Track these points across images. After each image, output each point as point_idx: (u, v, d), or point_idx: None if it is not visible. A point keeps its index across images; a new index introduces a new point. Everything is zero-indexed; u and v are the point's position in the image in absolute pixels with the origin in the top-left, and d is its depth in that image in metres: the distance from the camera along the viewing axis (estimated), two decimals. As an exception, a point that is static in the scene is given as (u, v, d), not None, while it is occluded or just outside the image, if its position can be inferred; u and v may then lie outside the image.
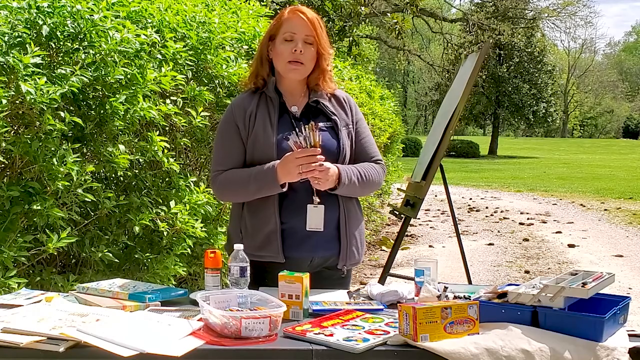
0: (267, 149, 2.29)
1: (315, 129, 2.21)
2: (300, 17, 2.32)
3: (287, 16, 2.34)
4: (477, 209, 12.20)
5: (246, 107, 2.37)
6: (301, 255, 2.31)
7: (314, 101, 2.39)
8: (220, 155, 2.38)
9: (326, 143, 2.30)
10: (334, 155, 2.33)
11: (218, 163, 2.38)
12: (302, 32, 2.31)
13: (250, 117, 2.34)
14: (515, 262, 7.34)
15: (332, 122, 2.38)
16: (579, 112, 64.72)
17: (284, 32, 2.33)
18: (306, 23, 2.31)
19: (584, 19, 62.30)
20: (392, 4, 14.13)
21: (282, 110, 2.37)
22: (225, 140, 2.38)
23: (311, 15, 2.34)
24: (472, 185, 17.61)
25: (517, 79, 35.58)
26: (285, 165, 2.21)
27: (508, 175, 21.24)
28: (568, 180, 18.77)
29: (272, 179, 2.23)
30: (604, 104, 63.85)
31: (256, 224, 2.33)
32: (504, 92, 35.94)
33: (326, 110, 2.39)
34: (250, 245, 2.30)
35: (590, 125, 66.62)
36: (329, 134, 2.35)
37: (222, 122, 2.42)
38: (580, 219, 10.90)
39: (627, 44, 76.08)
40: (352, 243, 2.38)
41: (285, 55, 2.32)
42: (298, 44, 2.30)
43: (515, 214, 11.44)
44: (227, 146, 2.37)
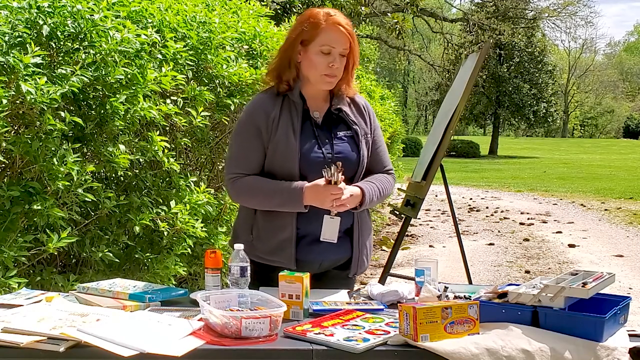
0: (290, 157, 2.25)
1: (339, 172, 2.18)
2: (340, 30, 2.23)
3: (324, 26, 2.23)
4: (477, 209, 12.19)
5: (269, 110, 2.29)
6: (311, 259, 2.31)
7: (336, 109, 2.35)
8: (239, 158, 2.31)
9: (347, 154, 2.30)
10: (354, 166, 2.32)
11: (236, 165, 2.30)
12: (340, 45, 2.24)
13: (274, 121, 2.27)
14: (515, 262, 7.34)
15: (352, 131, 2.35)
16: (579, 112, 64.72)
17: (321, 43, 2.23)
18: (345, 36, 2.24)
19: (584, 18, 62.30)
20: (393, 4, 14.13)
21: (304, 116, 2.31)
22: (245, 141, 2.30)
23: (348, 25, 2.26)
24: (472, 185, 17.61)
25: (517, 79, 35.57)
26: (317, 195, 2.19)
27: (508, 175, 21.24)
28: (568, 180, 18.77)
29: (298, 200, 2.21)
30: (604, 104, 63.84)
31: (270, 229, 2.30)
32: (504, 92, 35.92)
33: (347, 120, 2.35)
34: (262, 248, 2.29)
35: (590, 125, 66.61)
36: (349, 144, 2.33)
37: (242, 122, 2.33)
38: (580, 219, 10.90)
39: (627, 44, 76.06)
40: (363, 252, 2.41)
41: (321, 68, 2.24)
42: (336, 59, 2.24)
43: (515, 214, 11.44)
44: (247, 148, 2.30)
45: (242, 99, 3.43)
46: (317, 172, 2.23)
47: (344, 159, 2.26)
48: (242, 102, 3.44)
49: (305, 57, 2.27)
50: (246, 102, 3.47)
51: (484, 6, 28.76)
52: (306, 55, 2.27)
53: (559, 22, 40.94)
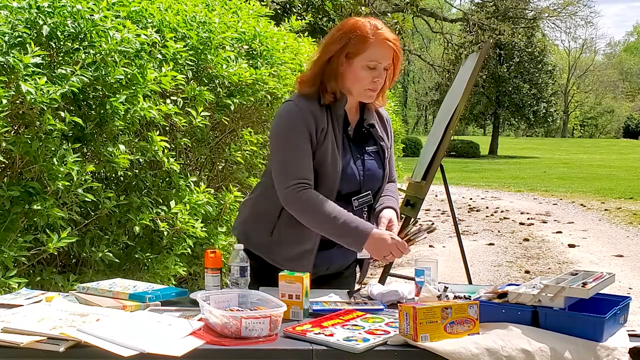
0: (334, 173, 2.19)
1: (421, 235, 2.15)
2: (389, 45, 2.16)
3: (372, 41, 2.14)
4: (477, 209, 12.19)
5: (318, 120, 2.18)
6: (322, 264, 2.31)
7: (369, 124, 2.30)
8: (300, 164, 2.16)
9: (374, 170, 2.29)
10: (378, 182, 2.32)
11: (298, 172, 2.15)
12: (387, 61, 2.18)
13: (322, 132, 2.18)
14: (515, 262, 7.34)
15: (379, 147, 2.32)
16: (579, 112, 64.71)
17: (369, 58, 2.15)
18: (392, 52, 2.17)
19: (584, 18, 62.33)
20: (393, 3, 14.14)
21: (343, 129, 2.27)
22: (301, 146, 2.15)
23: (396, 40, 2.19)
24: (472, 185, 17.60)
25: (517, 79, 35.56)
26: (379, 247, 2.11)
27: (508, 175, 21.24)
28: (568, 180, 18.76)
29: (358, 243, 2.12)
30: (604, 103, 63.83)
31: (294, 236, 2.25)
32: (504, 92, 35.92)
33: (375, 135, 2.32)
34: (282, 254, 2.25)
35: (590, 125, 66.61)
36: (376, 160, 2.31)
37: (292, 125, 2.17)
38: (580, 219, 10.90)
39: (627, 44, 76.07)
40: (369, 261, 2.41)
41: (366, 82, 2.17)
42: (380, 74, 2.18)
43: (515, 214, 11.44)
44: (304, 154, 2.16)
45: (242, 99, 3.43)
46: (353, 189, 2.23)
47: (372, 176, 2.27)
48: (242, 102, 3.44)
49: (349, 70, 2.18)
50: (246, 102, 3.47)
51: (484, 6, 28.77)
52: (350, 69, 2.18)
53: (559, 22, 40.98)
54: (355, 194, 2.25)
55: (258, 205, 2.34)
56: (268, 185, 2.28)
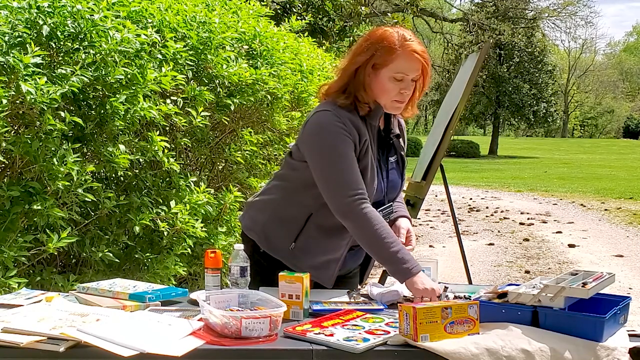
0: (371, 188, 2.17)
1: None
2: (416, 57, 2.11)
3: (400, 52, 2.10)
4: (477, 209, 12.19)
5: (361, 131, 2.14)
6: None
7: (395, 135, 2.30)
8: (356, 176, 2.11)
9: (395, 181, 2.30)
10: (397, 191, 2.33)
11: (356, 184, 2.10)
12: (414, 72, 2.13)
13: (364, 144, 2.15)
14: (515, 262, 7.34)
15: (399, 156, 2.32)
16: (579, 112, 64.72)
17: (396, 70, 2.11)
18: (420, 63, 2.12)
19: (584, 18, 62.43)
20: (393, 3, 14.14)
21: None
22: (350, 155, 2.11)
23: (423, 51, 2.14)
24: (472, 185, 17.61)
25: (517, 79, 35.56)
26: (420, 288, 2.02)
27: (508, 175, 21.24)
28: (568, 180, 18.76)
29: (404, 276, 2.05)
30: (604, 104, 63.83)
31: (318, 247, 2.23)
32: (504, 92, 35.92)
33: (396, 145, 2.31)
34: (305, 262, 2.22)
35: (590, 125, 66.61)
36: (397, 170, 2.31)
37: (338, 135, 2.11)
38: (580, 219, 10.90)
39: (627, 44, 76.07)
40: (372, 263, 2.43)
41: (393, 94, 2.14)
42: (407, 85, 2.14)
43: (515, 214, 11.44)
44: (353, 163, 2.11)
45: (242, 99, 3.43)
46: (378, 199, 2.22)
47: (393, 186, 2.28)
48: (242, 102, 3.44)
49: (376, 81, 2.14)
50: (246, 102, 3.47)
51: (484, 6, 28.78)
52: (377, 79, 2.14)
53: (559, 22, 40.99)
54: (379, 204, 2.23)
55: (282, 210, 2.27)
56: (291, 190, 2.24)
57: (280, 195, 2.29)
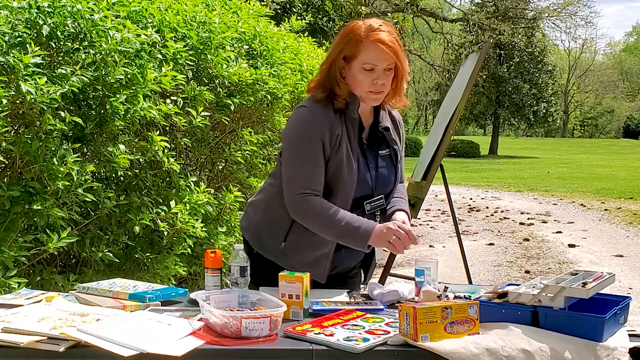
0: (350, 179, 2.18)
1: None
2: (382, 48, 2.10)
3: (364, 43, 2.11)
4: (477, 209, 12.19)
5: (333, 126, 2.16)
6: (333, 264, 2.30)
7: (384, 127, 2.28)
8: (310, 174, 2.15)
9: (387, 175, 2.29)
10: (390, 186, 2.31)
11: (307, 182, 2.15)
12: (383, 62, 2.12)
13: (337, 138, 2.15)
14: (515, 262, 7.34)
15: (391, 150, 2.30)
16: (579, 112, 64.70)
17: (363, 61, 2.12)
18: (388, 54, 2.11)
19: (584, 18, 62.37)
20: (393, 3, 14.14)
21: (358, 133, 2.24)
22: (313, 156, 2.15)
23: (391, 41, 2.11)
24: (472, 185, 17.60)
25: (517, 79, 35.54)
26: (384, 234, 2.09)
27: (508, 175, 21.23)
28: (568, 180, 18.76)
29: (362, 240, 2.12)
30: (604, 104, 63.81)
31: (309, 241, 2.24)
32: (504, 92, 35.89)
33: (389, 138, 2.29)
34: (296, 259, 2.24)
35: (590, 125, 66.59)
36: (389, 163, 2.30)
37: (306, 133, 2.16)
38: (580, 219, 10.90)
39: (627, 44, 76.06)
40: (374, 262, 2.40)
41: (366, 85, 2.14)
42: (379, 76, 2.13)
43: (515, 214, 11.44)
44: (316, 164, 2.15)
45: (242, 99, 3.43)
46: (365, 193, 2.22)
47: (384, 180, 2.27)
48: (242, 102, 3.44)
49: (349, 74, 2.16)
50: (246, 102, 3.47)
51: (484, 6, 28.77)
52: (350, 72, 2.15)
53: (559, 22, 40.95)
54: (367, 197, 2.24)
55: (271, 211, 2.30)
56: (279, 187, 2.25)
57: (272, 193, 2.32)
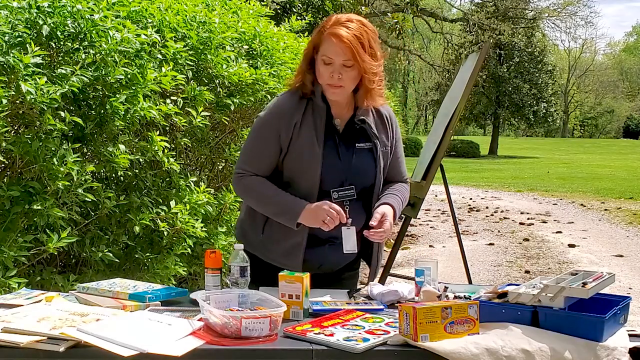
0: (313, 164, 2.21)
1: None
2: (336, 42, 2.12)
3: (324, 36, 2.16)
4: (477, 209, 12.19)
5: (293, 114, 2.23)
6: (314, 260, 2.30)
7: (360, 120, 2.29)
8: (251, 156, 2.29)
9: (365, 167, 2.29)
10: (370, 179, 2.31)
11: (246, 162, 2.29)
12: (339, 57, 2.14)
13: (296, 126, 2.22)
14: (515, 262, 7.34)
15: (372, 144, 2.31)
16: (579, 112, 64.67)
17: (322, 53, 2.17)
18: (342, 49, 2.12)
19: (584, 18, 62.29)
20: (393, 3, 14.13)
21: (327, 122, 2.26)
22: (261, 141, 2.26)
23: (349, 36, 2.12)
24: (472, 185, 17.60)
25: (517, 79, 35.52)
26: (316, 213, 2.16)
27: (508, 175, 21.23)
28: (568, 180, 18.76)
29: (293, 217, 2.19)
30: (604, 104, 63.78)
31: (282, 233, 2.27)
32: (504, 92, 35.88)
33: (369, 132, 2.30)
34: (274, 251, 2.28)
35: (590, 125, 66.55)
36: (367, 156, 2.30)
37: (263, 121, 2.28)
38: (580, 219, 10.90)
39: (627, 44, 76.04)
40: (379, 261, 2.42)
41: (325, 77, 2.18)
42: (336, 69, 2.15)
43: (515, 214, 11.44)
44: (260, 148, 2.26)
45: (242, 99, 3.43)
46: (335, 182, 2.23)
47: (359, 171, 2.27)
48: (242, 102, 3.44)
49: (316, 64, 2.21)
50: (246, 102, 3.47)
51: (484, 6, 28.75)
52: (316, 62, 2.21)
53: (559, 22, 40.89)
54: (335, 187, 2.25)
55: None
56: None
57: None
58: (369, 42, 2.17)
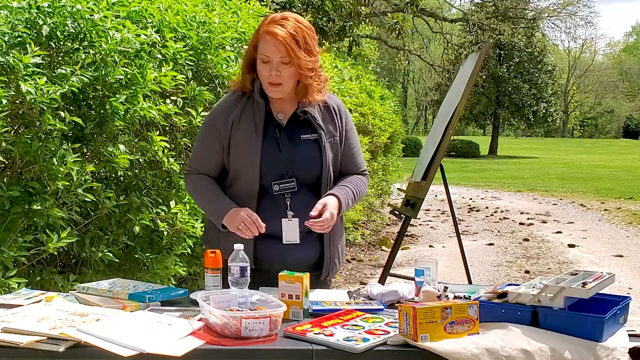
0: (252, 158, 2.26)
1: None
2: (269, 40, 2.17)
3: (260, 35, 2.21)
4: (477, 209, 12.20)
5: (229, 112, 2.31)
6: (272, 257, 2.28)
7: (302, 111, 2.31)
8: (197, 155, 2.41)
9: (308, 157, 2.29)
10: (317, 170, 2.31)
11: (193, 161, 2.42)
12: (275, 55, 2.18)
13: (233, 123, 2.29)
14: (515, 262, 7.34)
15: (317, 135, 2.31)
16: (579, 112, 64.70)
17: (260, 52, 2.22)
18: (278, 46, 2.16)
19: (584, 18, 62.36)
20: (392, 3, 14.13)
21: (268, 117, 2.30)
22: (204, 141, 2.38)
23: (284, 34, 2.16)
24: (472, 185, 17.61)
25: (517, 79, 35.54)
26: (233, 218, 2.22)
27: (508, 175, 21.24)
28: (568, 180, 18.76)
29: (219, 217, 2.27)
30: (604, 104, 63.81)
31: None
32: (504, 92, 35.90)
33: (314, 123, 2.32)
34: (226, 247, 2.24)
35: (590, 125, 66.56)
36: (313, 147, 2.31)
37: (205, 121, 2.43)
38: (580, 219, 10.90)
39: (627, 44, 76.02)
40: (335, 255, 2.40)
41: (264, 75, 2.23)
42: (274, 67, 2.20)
43: (515, 214, 11.44)
44: (204, 148, 2.37)
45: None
46: (276, 175, 2.25)
47: (305, 163, 2.28)
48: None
49: (257, 64, 2.26)
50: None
51: (484, 6, 28.74)
52: (257, 62, 2.26)
53: (559, 22, 40.97)
54: (279, 179, 2.27)
55: None
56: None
57: None
58: (304, 38, 2.21)
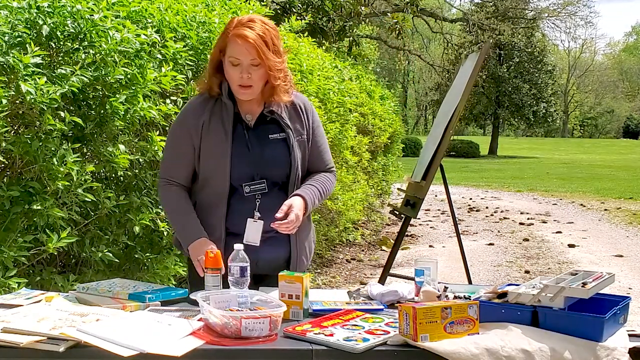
0: (222, 161, 2.25)
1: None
2: (240, 43, 2.17)
3: (229, 38, 2.20)
4: (477, 209, 12.19)
5: (199, 115, 2.29)
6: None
7: (268, 111, 2.32)
8: (169, 163, 2.36)
9: (277, 157, 2.29)
10: (285, 169, 2.31)
11: (165, 170, 2.36)
12: (246, 58, 2.19)
13: (203, 125, 2.28)
14: (515, 262, 7.34)
15: (285, 134, 2.32)
16: (579, 112, 64.71)
17: (229, 55, 2.21)
18: (248, 50, 2.17)
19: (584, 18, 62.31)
20: (392, 4, 14.13)
21: (236, 119, 2.30)
22: (175, 146, 2.34)
23: (254, 37, 2.17)
24: (472, 185, 17.61)
25: (517, 79, 35.54)
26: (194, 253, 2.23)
27: (508, 175, 21.24)
28: (568, 180, 18.76)
29: (185, 242, 2.28)
30: (604, 104, 63.82)
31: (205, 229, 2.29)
32: (504, 92, 35.90)
33: (281, 122, 2.32)
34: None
35: (590, 125, 66.57)
36: (281, 147, 2.31)
37: (174, 127, 2.38)
38: (580, 219, 10.90)
39: (627, 44, 76.01)
40: (302, 252, 2.39)
41: (234, 79, 2.22)
42: (244, 70, 2.20)
43: (515, 214, 11.44)
44: (176, 153, 2.34)
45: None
46: (246, 176, 2.25)
47: (274, 163, 2.28)
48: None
49: (225, 66, 2.25)
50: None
51: (484, 6, 28.76)
52: (224, 65, 2.25)
53: (559, 22, 40.96)
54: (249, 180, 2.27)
55: None
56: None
57: None
58: (272, 40, 2.22)
